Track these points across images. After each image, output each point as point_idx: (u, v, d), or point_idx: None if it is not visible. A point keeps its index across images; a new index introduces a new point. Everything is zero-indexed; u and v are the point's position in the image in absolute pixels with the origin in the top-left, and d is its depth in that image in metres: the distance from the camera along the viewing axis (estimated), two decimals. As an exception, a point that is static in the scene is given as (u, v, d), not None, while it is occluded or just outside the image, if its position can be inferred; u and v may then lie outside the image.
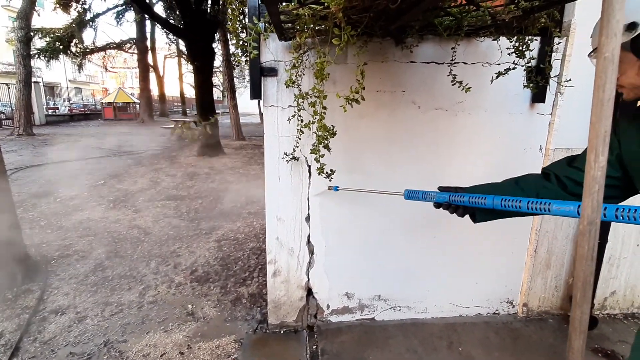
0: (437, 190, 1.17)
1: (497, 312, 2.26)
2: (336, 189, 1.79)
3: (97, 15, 14.05)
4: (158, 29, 18.09)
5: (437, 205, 1.17)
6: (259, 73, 1.73)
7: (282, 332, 2.16)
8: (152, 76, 21.09)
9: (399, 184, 1.98)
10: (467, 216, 1.13)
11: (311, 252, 2.07)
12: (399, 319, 2.22)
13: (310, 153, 1.38)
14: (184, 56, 18.41)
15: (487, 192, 1.03)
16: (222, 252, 3.31)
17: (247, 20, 1.67)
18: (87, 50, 15.49)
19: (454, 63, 1.72)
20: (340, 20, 0.82)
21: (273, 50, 1.76)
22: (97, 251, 3.27)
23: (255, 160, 8.13)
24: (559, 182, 1.05)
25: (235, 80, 15.64)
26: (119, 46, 18.79)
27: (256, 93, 1.76)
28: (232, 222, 4.11)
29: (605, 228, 1.99)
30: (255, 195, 5.21)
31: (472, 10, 1.26)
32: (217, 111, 10.74)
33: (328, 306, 2.16)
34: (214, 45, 10.17)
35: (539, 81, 1.71)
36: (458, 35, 1.52)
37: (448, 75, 1.66)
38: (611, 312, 2.27)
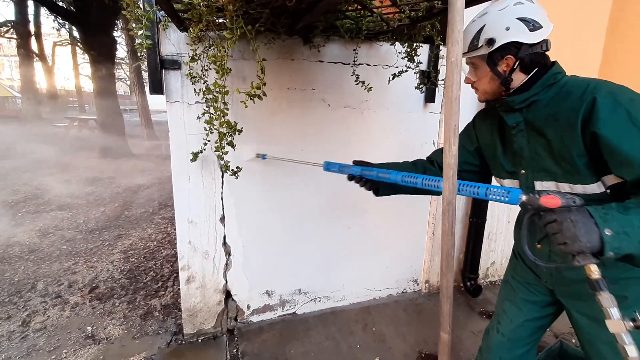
0: (352, 164, 1.26)
1: (405, 291, 2.50)
2: (263, 157, 1.83)
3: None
4: (45, 10, 15.32)
5: (350, 177, 1.26)
6: (159, 66, 1.60)
7: (199, 340, 2.05)
8: (39, 66, 17.80)
9: (312, 178, 2.05)
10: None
11: (228, 254, 2.00)
12: (319, 309, 2.29)
13: (215, 151, 1.33)
14: (79, 44, 15.92)
15: (391, 169, 1.16)
16: (129, 263, 2.99)
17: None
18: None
19: (358, 64, 1.84)
20: (230, 13, 0.80)
21: (175, 41, 1.65)
22: (-40, 277, 2.67)
23: (170, 162, 7.51)
24: (439, 167, 1.22)
25: (145, 73, 14.20)
26: (-10, 28, 15.40)
27: (156, 87, 1.63)
28: (142, 229, 3.74)
29: (483, 209, 2.36)
30: (171, 198, 4.82)
31: (367, 15, 1.36)
32: (123, 108, 9.64)
33: (249, 307, 2.13)
34: (116, 33, 9.10)
35: (425, 83, 1.94)
36: (359, 38, 1.63)
37: (352, 75, 1.76)
38: (492, 280, 2.70)
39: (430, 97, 2.11)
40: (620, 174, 0.82)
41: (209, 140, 1.61)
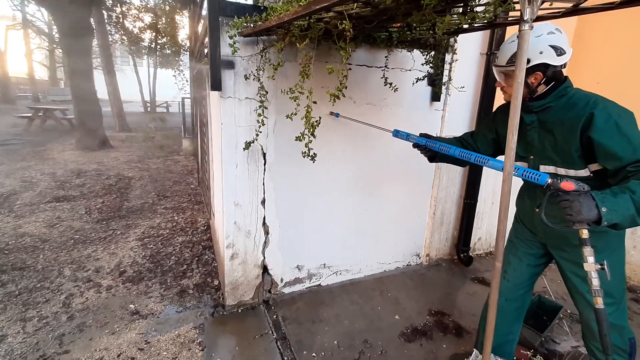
0: (418, 135, 1.67)
1: (409, 264, 2.90)
2: (337, 115, 2.12)
3: None
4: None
5: (416, 145, 1.68)
6: (219, 66, 1.82)
7: (240, 310, 2.30)
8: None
9: (339, 162, 2.36)
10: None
11: (266, 233, 2.26)
12: (340, 281, 2.62)
13: (295, 140, 1.59)
14: (34, 28, 14.69)
15: (446, 143, 1.55)
16: (148, 249, 3.13)
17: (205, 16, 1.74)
18: None
19: (385, 68, 2.15)
20: (348, 36, 1.08)
21: (230, 44, 1.86)
22: (-24, 268, 2.67)
23: (152, 154, 7.42)
24: (467, 145, 1.67)
25: (116, 59, 13.43)
26: None
27: (216, 85, 1.84)
28: (149, 219, 3.84)
29: (475, 191, 2.80)
30: (167, 189, 4.89)
31: (406, 31, 1.67)
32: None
33: (282, 280, 2.41)
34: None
35: (440, 85, 2.30)
36: (389, 46, 1.94)
37: (382, 78, 2.07)
38: (479, 253, 3.18)
39: (436, 97, 2.48)
40: (605, 165, 1.19)
41: (259, 128, 1.87)
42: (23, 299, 2.31)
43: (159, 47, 14.19)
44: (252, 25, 1.59)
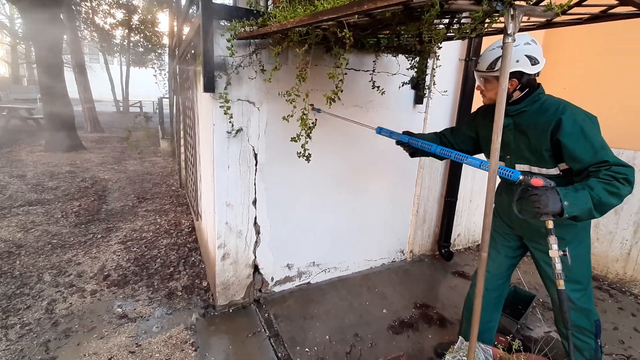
0: (401, 133, 1.76)
1: (394, 260, 3.01)
2: (319, 111, 2.08)
3: None
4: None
5: (399, 142, 1.77)
6: (213, 68, 1.84)
7: (231, 310, 2.32)
8: None
9: (328, 162, 2.42)
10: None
11: (257, 232, 2.29)
12: (329, 278, 2.69)
13: (291, 140, 1.64)
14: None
15: (425, 140, 1.66)
16: (132, 253, 3.06)
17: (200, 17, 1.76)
18: None
19: (372, 72, 2.24)
20: (348, 44, 1.14)
21: (222, 46, 1.88)
22: (-56, 276, 2.53)
23: (129, 155, 7.20)
24: (446, 141, 1.78)
25: (87, 57, 12.83)
26: None
27: (209, 87, 1.86)
28: (131, 222, 3.75)
29: (456, 189, 2.95)
30: (147, 191, 4.78)
31: (395, 38, 1.77)
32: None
33: (272, 279, 2.44)
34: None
35: (424, 90, 2.42)
36: (376, 51, 2.03)
37: (370, 81, 2.16)
38: (458, 248, 3.35)
39: (419, 100, 2.60)
40: (570, 165, 1.34)
41: (249, 129, 1.89)
42: (2, 306, 2.22)
43: (132, 44, 13.75)
44: (248, 29, 1.63)
